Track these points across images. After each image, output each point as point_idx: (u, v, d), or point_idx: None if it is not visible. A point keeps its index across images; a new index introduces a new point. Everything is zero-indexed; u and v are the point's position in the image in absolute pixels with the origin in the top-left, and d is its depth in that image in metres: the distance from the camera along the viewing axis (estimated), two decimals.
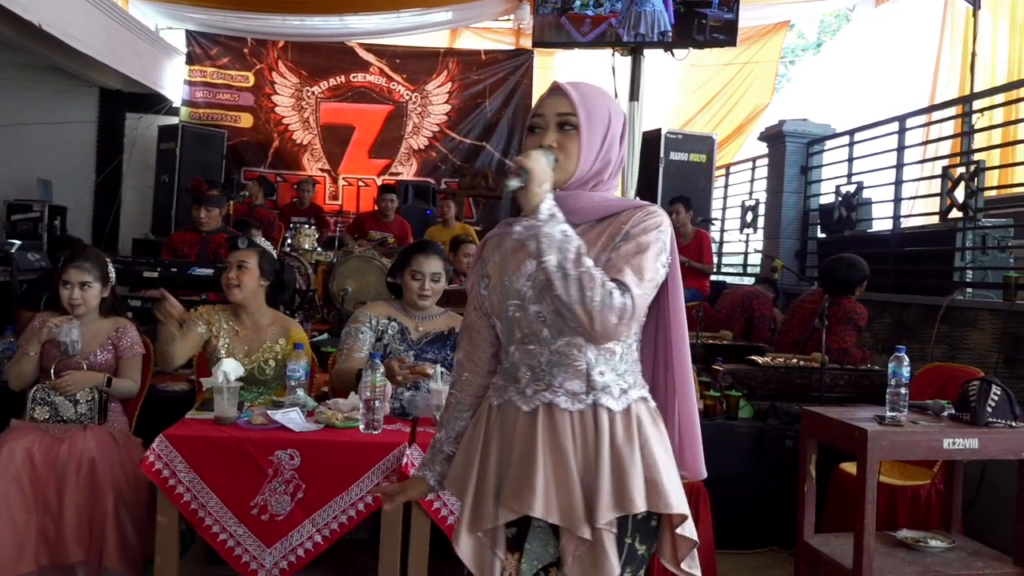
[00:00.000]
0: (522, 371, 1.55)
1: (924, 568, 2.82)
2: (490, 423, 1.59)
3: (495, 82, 9.49)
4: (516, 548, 1.56)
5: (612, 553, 1.45)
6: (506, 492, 1.50)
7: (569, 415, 1.50)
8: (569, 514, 1.46)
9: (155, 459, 2.39)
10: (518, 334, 1.56)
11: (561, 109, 1.54)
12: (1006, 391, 2.88)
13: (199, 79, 9.24)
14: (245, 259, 3.10)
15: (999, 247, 4.61)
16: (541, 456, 1.49)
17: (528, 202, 1.42)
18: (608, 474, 1.46)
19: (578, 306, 1.40)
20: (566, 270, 1.40)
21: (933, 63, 7.55)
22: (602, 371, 1.52)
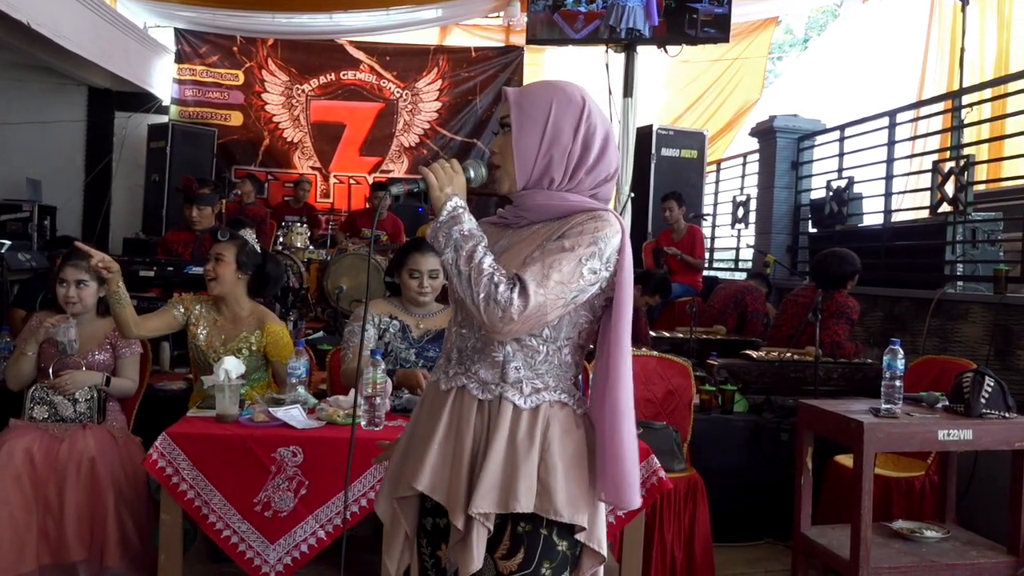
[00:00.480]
0: (453, 352, 1.59)
1: (919, 558, 2.85)
2: (423, 397, 1.66)
3: (485, 79, 9.50)
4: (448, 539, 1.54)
5: (477, 545, 1.44)
6: (409, 464, 1.56)
7: (476, 403, 1.52)
8: (452, 499, 1.48)
9: (158, 457, 2.40)
10: (459, 316, 1.60)
11: (503, 112, 1.60)
12: (999, 383, 2.92)
13: (188, 77, 9.21)
14: (222, 252, 3.13)
15: (989, 240, 4.66)
16: (440, 435, 1.52)
17: (432, 206, 1.50)
18: (497, 468, 1.46)
19: (468, 300, 1.43)
20: (459, 266, 1.44)
21: (921, 58, 7.61)
22: (518, 367, 1.52)
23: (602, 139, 1.57)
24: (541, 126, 1.54)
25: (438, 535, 1.58)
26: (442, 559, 1.57)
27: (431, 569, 1.59)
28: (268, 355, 3.14)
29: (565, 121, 1.54)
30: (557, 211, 1.54)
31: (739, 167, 7.82)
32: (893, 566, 2.78)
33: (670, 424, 3.50)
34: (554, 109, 1.54)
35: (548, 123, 1.54)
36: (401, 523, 1.59)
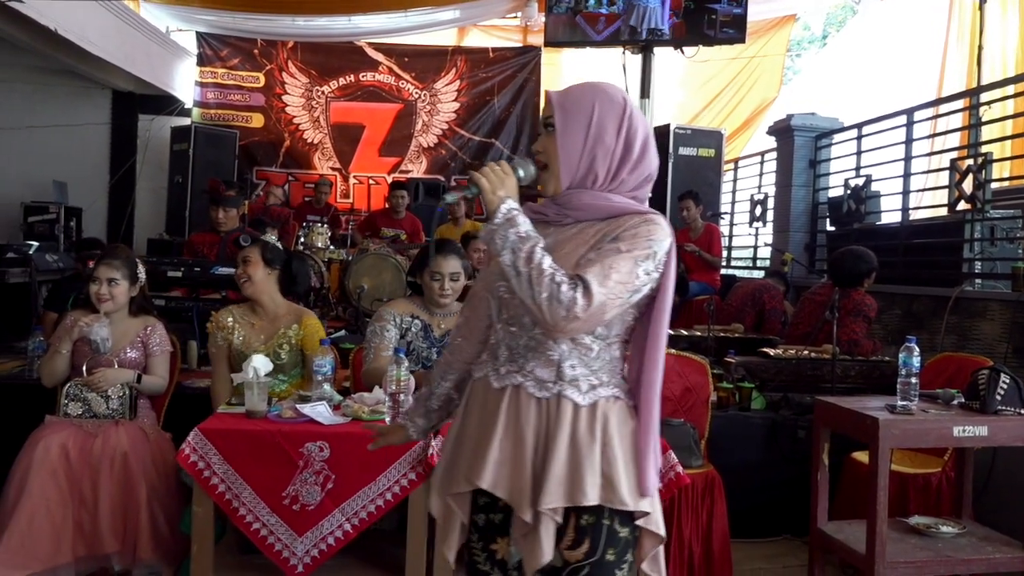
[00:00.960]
0: (502, 350, 1.62)
1: (935, 553, 2.88)
2: (471, 395, 1.68)
3: (503, 79, 9.57)
4: (505, 532, 1.60)
5: (547, 539, 1.50)
6: (465, 462, 1.60)
7: (535, 401, 1.56)
8: (517, 496, 1.52)
9: (191, 452, 2.47)
10: (505, 314, 1.62)
11: (546, 113, 1.65)
12: (1015, 379, 2.94)
13: (210, 80, 9.34)
14: (248, 254, 3.25)
15: (1008, 238, 4.66)
16: (499, 434, 1.56)
17: (486, 209, 1.54)
18: (563, 464, 1.51)
19: (529, 300, 1.47)
20: (518, 268, 1.48)
21: (940, 55, 7.58)
22: (573, 364, 1.57)
23: (643, 139, 1.62)
24: (585, 126, 1.59)
25: (492, 530, 1.62)
26: (497, 551, 1.62)
27: (483, 563, 1.63)
28: (304, 348, 3.22)
29: (608, 121, 1.60)
30: (604, 211, 1.59)
31: (757, 166, 7.83)
32: (909, 560, 2.82)
33: (688, 421, 3.54)
34: (597, 110, 1.59)
35: (592, 123, 1.59)
36: (457, 516, 1.63)
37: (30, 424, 3.09)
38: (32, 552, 2.79)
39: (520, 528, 1.54)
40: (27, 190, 8.19)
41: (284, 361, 3.19)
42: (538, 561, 1.51)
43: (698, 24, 4.06)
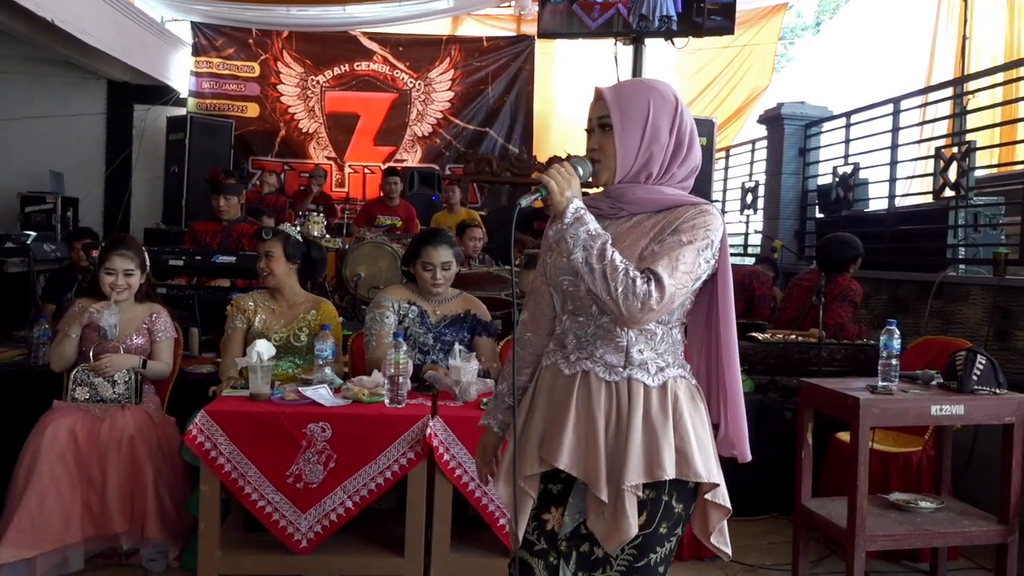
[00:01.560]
0: (569, 338, 1.70)
1: (914, 527, 3.00)
2: (539, 382, 1.76)
3: (497, 68, 9.63)
4: (561, 503, 1.69)
5: (632, 513, 1.59)
6: (543, 445, 1.67)
7: (605, 384, 1.64)
8: (593, 474, 1.61)
9: (198, 433, 2.57)
10: (570, 305, 1.70)
11: (600, 112, 1.68)
12: (991, 360, 3.05)
13: (205, 70, 9.38)
14: (271, 248, 3.34)
15: (990, 224, 4.77)
16: (573, 416, 1.64)
17: (554, 210, 1.59)
18: (639, 442, 1.60)
19: (605, 295, 1.55)
20: (591, 265, 1.55)
21: (929, 45, 7.67)
22: (641, 349, 1.65)
23: (691, 134, 1.70)
24: (642, 126, 1.65)
25: (547, 500, 1.71)
26: (548, 521, 1.70)
27: (531, 532, 1.71)
28: None
29: (662, 119, 1.65)
30: (658, 204, 1.67)
31: (748, 154, 7.92)
32: (888, 534, 2.93)
33: None
34: (652, 108, 1.65)
35: (648, 122, 1.65)
36: (529, 498, 1.69)
37: (36, 410, 3.17)
38: (42, 532, 2.89)
39: (595, 507, 1.62)
40: (24, 180, 8.24)
41: (302, 344, 3.31)
42: (626, 536, 1.59)
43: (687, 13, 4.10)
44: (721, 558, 3.47)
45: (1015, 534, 2.98)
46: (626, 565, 1.63)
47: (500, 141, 9.58)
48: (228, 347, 3.36)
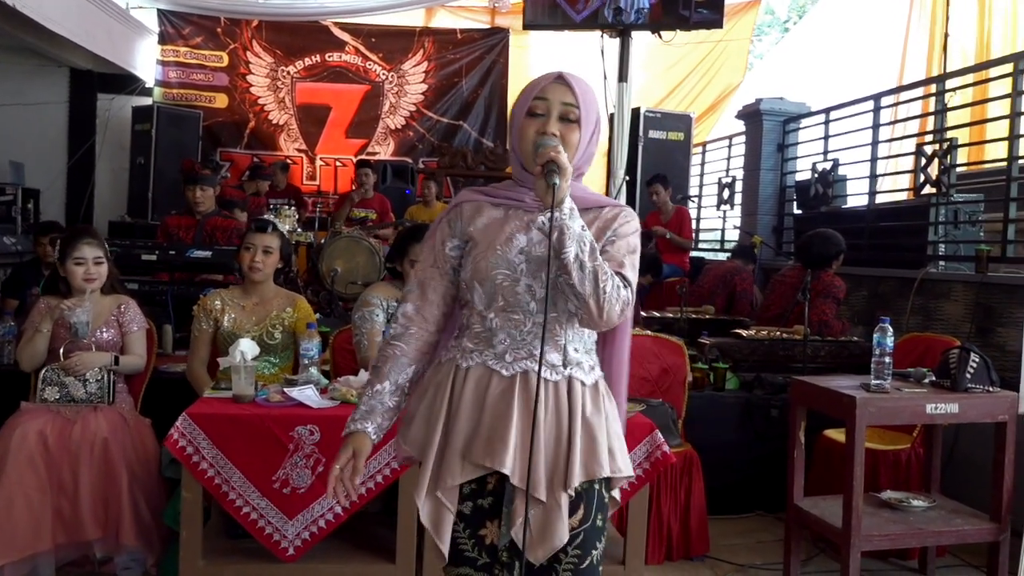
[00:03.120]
0: (500, 337, 1.60)
1: (908, 526, 2.99)
2: (458, 385, 1.62)
3: (471, 61, 9.52)
4: (495, 515, 1.61)
5: (565, 517, 1.56)
6: (477, 449, 1.56)
7: (546, 384, 1.58)
8: (534, 477, 1.54)
9: (179, 437, 2.46)
10: (500, 302, 1.60)
11: (566, 99, 1.61)
12: (984, 358, 3.04)
13: (172, 59, 9.14)
14: (271, 244, 3.25)
15: (971, 221, 4.79)
16: (516, 419, 1.56)
17: (557, 196, 1.47)
18: (580, 443, 1.58)
19: (591, 297, 1.50)
20: (583, 262, 1.49)
21: (902, 42, 7.73)
22: (576, 348, 1.63)
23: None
24: (593, 124, 1.65)
25: (481, 515, 1.61)
26: (486, 536, 1.61)
27: (471, 550, 1.61)
28: (297, 331, 3.21)
29: (601, 121, 1.69)
30: (584, 203, 1.62)
31: (724, 149, 7.92)
32: (883, 534, 2.91)
33: (666, 401, 3.60)
34: (599, 114, 1.67)
35: (597, 125, 1.66)
36: (448, 511, 1.59)
37: (2, 412, 3.03)
38: (10, 540, 2.76)
39: (522, 511, 1.54)
40: None
41: (276, 342, 3.19)
42: (560, 540, 1.55)
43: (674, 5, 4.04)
44: (709, 555, 3.49)
45: (1007, 532, 2.98)
46: (572, 568, 1.60)
47: (474, 135, 9.48)
48: (195, 350, 3.26)
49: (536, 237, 1.60)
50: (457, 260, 1.68)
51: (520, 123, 1.63)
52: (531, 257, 1.60)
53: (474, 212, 1.68)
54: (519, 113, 1.64)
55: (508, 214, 1.66)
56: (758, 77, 10.82)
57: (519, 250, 1.60)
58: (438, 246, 1.70)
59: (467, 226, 1.67)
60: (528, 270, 1.59)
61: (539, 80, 1.65)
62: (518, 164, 1.67)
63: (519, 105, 1.65)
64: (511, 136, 1.68)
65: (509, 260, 1.60)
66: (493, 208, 1.67)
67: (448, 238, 1.69)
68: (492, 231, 1.64)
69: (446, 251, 1.68)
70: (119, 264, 3.75)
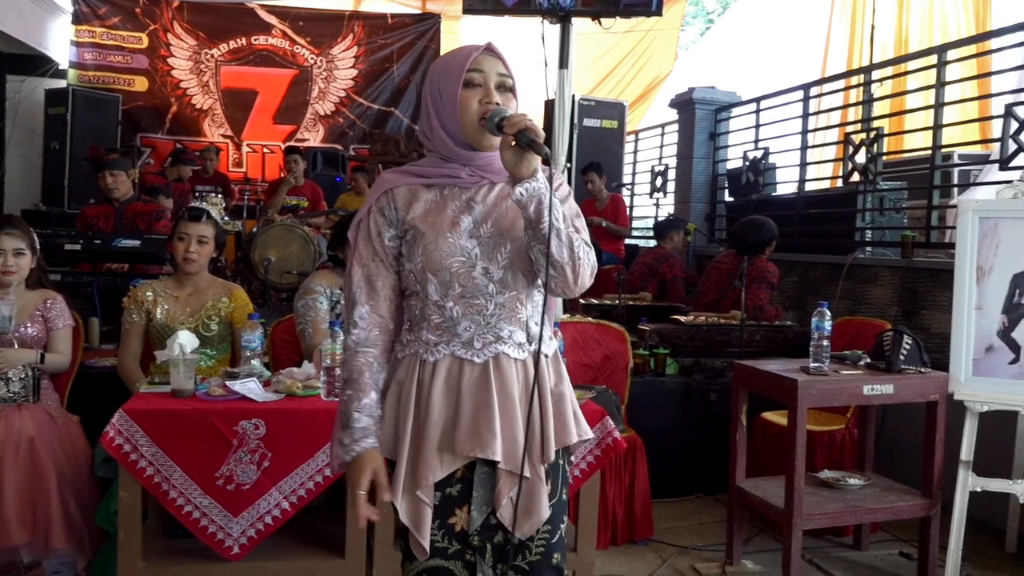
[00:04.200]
0: (464, 325, 1.56)
1: (846, 504, 3.08)
2: (425, 380, 1.57)
3: (403, 47, 9.39)
4: (464, 502, 1.58)
5: (545, 490, 1.58)
6: (461, 441, 1.52)
7: (515, 363, 1.58)
8: (514, 456, 1.54)
9: (115, 434, 2.34)
10: (457, 289, 1.55)
11: (500, 70, 1.58)
12: (916, 341, 3.15)
13: (87, 40, 8.73)
14: (205, 234, 3.13)
15: (895, 208, 4.95)
16: (496, 404, 1.54)
17: (528, 167, 1.46)
18: (551, 415, 1.59)
19: (568, 264, 1.50)
20: (560, 229, 1.48)
21: (825, 34, 7.94)
22: (536, 321, 1.62)
23: None
24: (519, 93, 1.64)
25: (450, 504, 1.57)
26: (456, 524, 1.58)
27: (441, 539, 1.58)
28: (234, 322, 3.10)
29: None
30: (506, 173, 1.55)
31: (657, 137, 8.00)
32: (823, 512, 2.99)
33: (609, 387, 3.62)
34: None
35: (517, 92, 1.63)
36: (427, 507, 1.55)
37: None
38: None
39: (508, 489, 1.55)
40: None
41: (213, 334, 3.08)
42: (544, 513, 1.56)
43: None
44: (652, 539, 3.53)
45: (938, 507, 3.10)
46: (544, 544, 1.60)
47: (406, 121, 9.35)
48: (126, 343, 3.14)
49: (480, 215, 1.58)
50: (397, 250, 1.61)
51: (457, 95, 1.55)
52: (483, 239, 1.56)
53: (409, 197, 1.60)
54: (452, 86, 1.56)
55: (444, 195, 1.60)
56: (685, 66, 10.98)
57: (468, 233, 1.56)
58: (375, 237, 1.61)
59: (404, 213, 1.59)
60: (482, 252, 1.56)
61: (466, 51, 1.59)
62: (453, 140, 1.58)
63: (450, 78, 1.57)
64: (439, 110, 1.58)
65: (462, 246, 1.55)
66: (426, 190, 1.60)
67: (384, 228, 1.60)
68: (434, 217, 1.57)
69: (384, 242, 1.60)
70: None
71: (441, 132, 1.59)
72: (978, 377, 3.05)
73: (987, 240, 3.11)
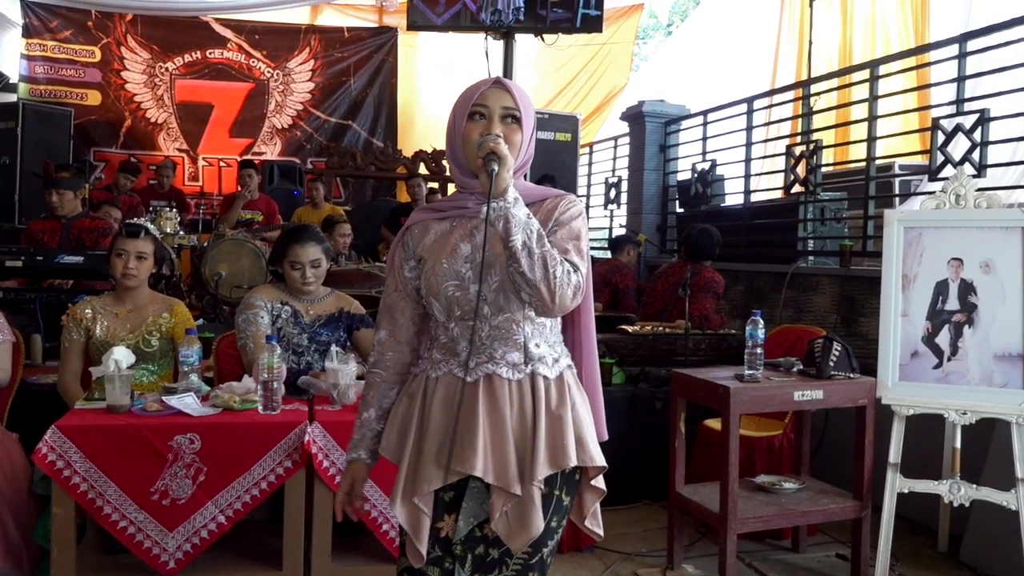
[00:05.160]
0: (462, 345, 1.66)
1: (780, 508, 3.16)
2: (429, 395, 1.69)
3: (359, 60, 9.43)
4: (454, 509, 1.66)
5: (539, 507, 1.60)
6: (452, 456, 1.62)
7: (508, 383, 1.64)
8: (503, 474, 1.60)
9: (48, 451, 2.35)
10: (457, 311, 1.67)
11: (505, 103, 1.66)
12: (845, 347, 3.25)
13: (38, 53, 8.66)
14: (144, 250, 3.13)
15: (835, 218, 5.09)
16: (482, 421, 1.61)
17: (498, 186, 1.52)
18: (544, 435, 1.62)
19: (542, 283, 1.54)
20: (531, 249, 1.54)
21: (774, 48, 8.13)
22: (537, 343, 1.67)
23: None
24: (532, 124, 1.70)
25: (440, 508, 1.66)
26: (442, 529, 1.66)
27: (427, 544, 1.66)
28: (175, 337, 3.11)
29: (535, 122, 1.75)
30: (529, 198, 1.66)
31: (611, 150, 8.12)
32: (757, 516, 3.08)
33: None
34: (534, 117, 1.72)
35: (535, 127, 1.72)
36: (425, 515, 1.64)
37: None
38: None
39: (501, 504, 1.60)
40: None
41: (154, 349, 3.08)
42: (535, 531, 1.59)
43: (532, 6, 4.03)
44: (597, 546, 3.58)
45: (868, 508, 3.20)
46: (522, 563, 1.64)
47: (364, 135, 9.38)
48: (66, 361, 3.12)
49: (479, 241, 1.63)
50: (416, 280, 1.75)
51: (462, 129, 1.66)
52: (476, 263, 1.64)
53: (423, 231, 1.75)
54: (459, 121, 1.67)
55: (453, 225, 1.72)
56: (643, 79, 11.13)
57: (464, 259, 1.67)
58: (397, 270, 1.77)
59: (417, 246, 1.74)
60: (475, 277, 1.64)
61: (476, 87, 1.69)
62: (460, 169, 1.71)
63: (458, 114, 1.68)
64: (453, 141, 1.70)
65: (456, 271, 1.66)
66: (439, 223, 1.74)
67: (404, 261, 1.76)
68: (439, 246, 1.70)
69: (405, 273, 1.76)
70: None
71: (452, 162, 1.73)
72: (904, 382, 3.15)
73: (912, 249, 3.22)
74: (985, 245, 3.08)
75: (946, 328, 3.12)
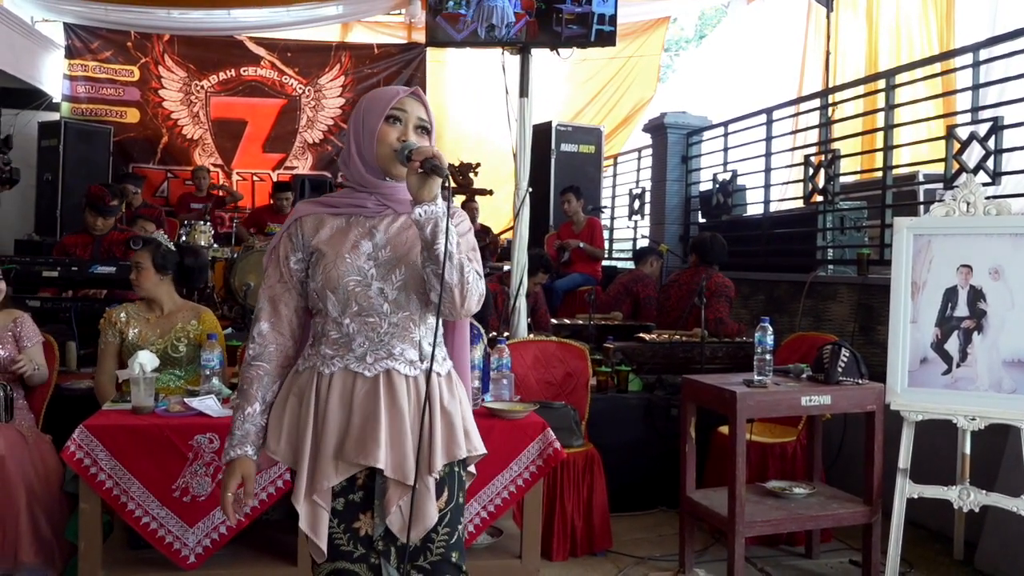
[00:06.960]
0: (359, 341, 1.69)
1: (789, 512, 3.19)
2: (322, 391, 1.69)
3: (389, 76, 9.59)
4: (367, 508, 1.71)
5: (434, 498, 1.70)
6: (349, 449, 1.65)
7: (406, 379, 1.70)
8: (401, 467, 1.66)
9: (76, 449, 2.48)
10: (354, 307, 1.68)
11: (420, 114, 1.74)
12: (854, 353, 3.28)
13: (80, 73, 8.96)
14: (140, 260, 3.28)
15: (855, 227, 5.10)
16: (384, 416, 1.66)
17: (429, 191, 1.59)
18: (440, 428, 1.71)
19: (457, 287, 1.63)
20: (452, 253, 1.61)
21: (800, 57, 8.13)
22: (430, 342, 1.74)
23: None
24: (435, 138, 1.78)
25: (353, 509, 1.70)
26: (360, 528, 1.71)
27: (347, 543, 1.70)
28: (202, 344, 3.23)
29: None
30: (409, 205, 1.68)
31: (634, 161, 8.18)
32: (765, 519, 3.11)
33: (569, 404, 3.74)
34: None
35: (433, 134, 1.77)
36: (324, 512, 1.67)
37: None
38: None
39: (396, 498, 1.67)
40: None
41: (181, 355, 3.22)
42: (430, 521, 1.68)
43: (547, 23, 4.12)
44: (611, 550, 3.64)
45: (879, 514, 3.21)
46: (445, 545, 1.73)
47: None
48: (102, 363, 3.27)
49: (381, 241, 1.71)
50: (302, 273, 1.75)
51: (377, 128, 1.70)
52: (380, 262, 1.70)
53: (316, 225, 1.75)
54: (375, 119, 1.70)
55: (350, 222, 1.74)
56: (671, 91, 11.18)
57: (367, 256, 1.70)
58: (282, 261, 1.76)
59: (310, 239, 1.74)
60: (378, 274, 1.70)
61: (393, 91, 1.74)
62: (367, 167, 1.72)
63: (374, 112, 1.71)
64: (359, 139, 1.72)
65: (359, 267, 1.69)
66: (333, 218, 1.75)
67: (291, 252, 1.76)
68: (337, 240, 1.71)
69: (291, 265, 1.75)
70: (19, 281, 3.72)
71: (357, 159, 1.74)
72: (913, 388, 3.16)
73: (921, 256, 3.24)
74: (994, 252, 3.09)
75: (955, 334, 3.13)
